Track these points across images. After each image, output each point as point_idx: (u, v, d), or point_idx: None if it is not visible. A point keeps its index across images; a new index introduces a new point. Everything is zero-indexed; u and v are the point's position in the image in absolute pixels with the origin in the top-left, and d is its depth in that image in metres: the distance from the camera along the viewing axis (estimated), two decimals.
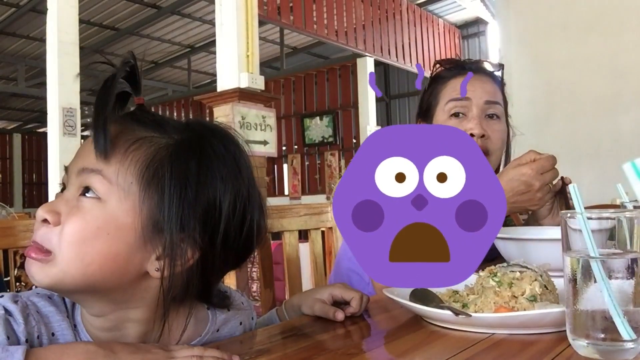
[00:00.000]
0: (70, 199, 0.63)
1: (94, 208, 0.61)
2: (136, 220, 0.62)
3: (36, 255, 0.61)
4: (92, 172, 0.62)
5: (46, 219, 0.61)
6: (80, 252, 0.60)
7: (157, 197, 0.62)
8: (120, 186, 0.62)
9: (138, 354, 0.58)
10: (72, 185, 0.63)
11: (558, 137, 4.27)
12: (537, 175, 1.07)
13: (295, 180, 9.33)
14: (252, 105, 5.21)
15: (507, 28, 4.84)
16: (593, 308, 0.59)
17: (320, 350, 0.70)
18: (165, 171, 0.62)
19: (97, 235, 0.61)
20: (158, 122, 0.66)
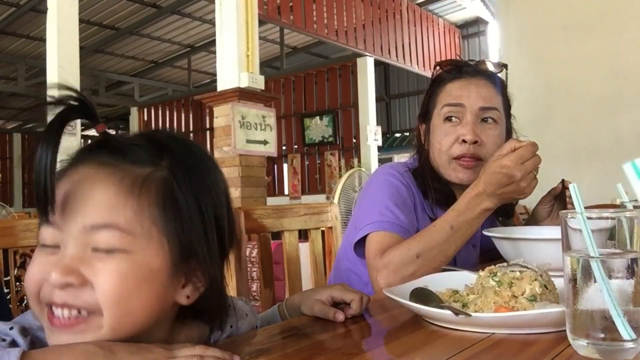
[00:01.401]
0: (82, 257, 0.59)
1: (121, 263, 0.59)
2: (165, 258, 0.61)
3: (72, 321, 0.58)
4: (105, 228, 0.59)
5: (68, 282, 0.57)
6: (128, 308, 0.59)
7: (180, 227, 0.61)
8: (141, 234, 0.60)
9: (139, 354, 0.58)
10: (74, 243, 0.59)
11: (558, 137, 4.27)
12: (517, 166, 1.07)
13: (295, 180, 9.33)
14: (252, 104, 5.21)
15: (507, 28, 4.84)
16: (593, 308, 0.59)
17: (320, 350, 0.70)
18: (178, 200, 0.61)
19: (137, 288, 0.59)
20: (136, 150, 0.62)
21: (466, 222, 1.11)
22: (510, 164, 1.08)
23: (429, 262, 1.10)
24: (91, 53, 9.79)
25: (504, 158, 1.09)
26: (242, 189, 5.04)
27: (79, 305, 0.58)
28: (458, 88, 1.32)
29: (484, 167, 1.14)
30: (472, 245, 1.40)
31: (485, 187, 1.10)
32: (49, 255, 0.60)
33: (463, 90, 1.31)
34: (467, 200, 1.12)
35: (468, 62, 1.38)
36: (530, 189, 1.11)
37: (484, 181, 1.11)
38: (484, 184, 1.11)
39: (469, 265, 1.32)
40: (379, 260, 1.13)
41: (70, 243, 0.59)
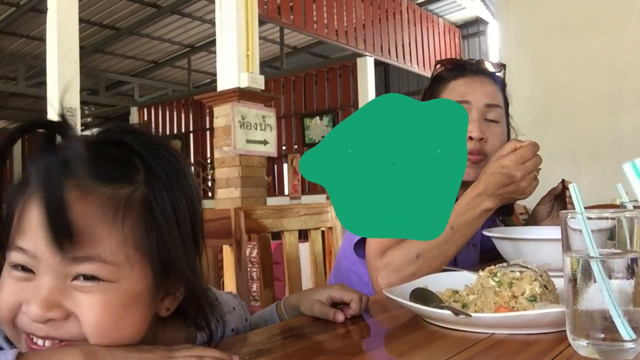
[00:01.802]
0: (62, 288, 0.55)
1: (105, 293, 0.56)
2: (148, 279, 0.59)
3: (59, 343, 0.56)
4: (86, 260, 0.55)
5: (51, 317, 0.54)
6: (115, 335, 0.57)
7: (161, 244, 0.58)
8: (124, 262, 0.56)
9: (137, 352, 0.57)
10: (54, 274, 0.55)
11: (558, 137, 4.27)
12: (517, 166, 1.08)
13: (295, 180, 9.33)
14: (252, 105, 5.21)
15: (507, 28, 4.84)
16: (593, 308, 0.59)
17: (320, 350, 0.70)
18: (157, 218, 0.58)
19: (124, 314, 0.57)
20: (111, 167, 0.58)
21: (467, 222, 1.11)
22: (511, 164, 1.08)
23: (429, 262, 1.10)
24: (91, 53, 9.78)
25: (504, 158, 1.09)
26: (242, 189, 5.04)
27: (62, 337, 0.56)
28: (463, 85, 1.32)
29: (485, 168, 1.14)
30: (473, 245, 1.41)
31: (486, 188, 1.10)
32: (22, 282, 0.56)
33: (468, 87, 1.32)
34: (468, 200, 1.12)
35: (469, 60, 1.39)
36: (531, 189, 1.11)
37: (484, 181, 1.11)
38: (484, 184, 1.11)
39: (469, 265, 1.32)
40: (379, 260, 1.13)
41: (48, 273, 0.55)
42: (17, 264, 0.56)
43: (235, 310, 0.82)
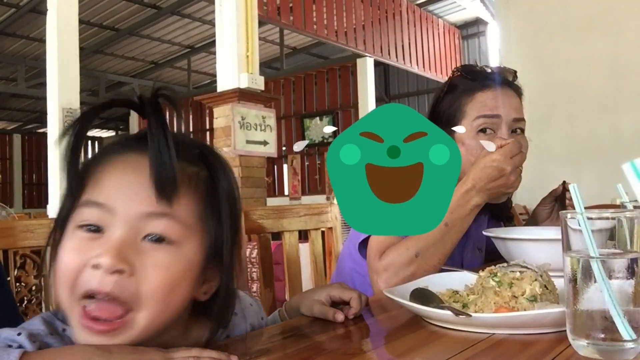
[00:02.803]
0: (133, 244, 0.58)
1: (170, 255, 0.59)
2: (202, 253, 0.62)
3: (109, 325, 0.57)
4: (162, 216, 0.59)
5: (121, 269, 0.56)
6: (167, 302, 0.59)
7: (216, 226, 0.63)
8: (189, 227, 0.61)
9: (135, 354, 0.57)
10: (127, 228, 0.58)
11: (558, 137, 4.27)
12: (506, 160, 1.11)
13: (295, 181, 9.33)
14: (252, 105, 5.22)
15: (507, 28, 4.84)
16: (593, 308, 0.59)
17: (320, 350, 0.70)
18: (218, 201, 0.64)
19: (180, 282, 0.60)
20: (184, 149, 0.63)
21: (459, 218, 1.12)
22: (501, 157, 1.11)
23: (427, 260, 1.10)
24: (91, 54, 9.79)
25: (494, 153, 1.11)
26: (242, 190, 5.04)
27: (122, 297, 0.57)
28: (492, 98, 1.29)
29: (473, 164, 1.14)
30: (478, 249, 1.41)
31: (475, 183, 1.12)
32: (90, 241, 0.58)
33: (497, 101, 1.29)
34: (458, 197, 1.13)
35: (493, 70, 1.35)
36: (517, 183, 1.14)
37: (473, 177, 1.12)
38: (473, 179, 1.12)
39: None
40: (378, 262, 1.13)
41: (122, 227, 0.58)
42: (86, 222, 0.59)
43: (252, 306, 0.83)
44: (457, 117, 1.31)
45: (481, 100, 1.30)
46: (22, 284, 1.15)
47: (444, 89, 1.35)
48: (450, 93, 1.34)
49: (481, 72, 1.34)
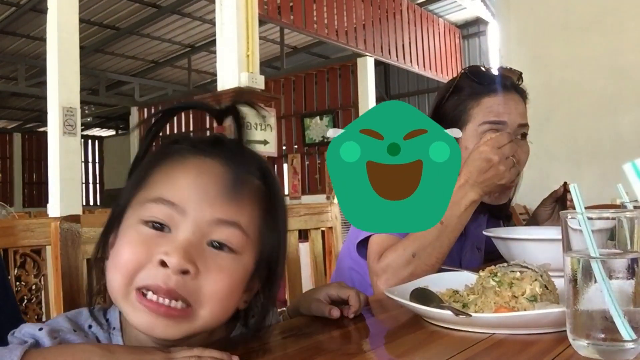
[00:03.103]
0: (199, 247, 0.60)
1: (233, 263, 0.61)
2: (251, 265, 0.64)
3: (172, 309, 0.59)
4: (231, 225, 0.61)
5: (187, 269, 0.58)
6: (226, 306, 0.62)
7: (270, 238, 0.66)
8: (250, 237, 0.63)
9: (136, 354, 0.58)
10: (196, 230, 0.60)
11: (558, 137, 4.27)
12: (494, 150, 1.11)
13: (295, 180, 9.33)
14: None
15: (507, 28, 4.84)
16: (593, 308, 0.59)
17: (320, 350, 0.70)
18: (275, 214, 0.66)
19: (238, 289, 0.63)
20: (247, 161, 0.66)
21: (454, 216, 1.12)
22: (487, 148, 1.12)
23: (425, 260, 1.10)
24: (91, 53, 9.78)
25: (481, 145, 1.13)
26: None
27: (183, 295, 0.59)
28: (499, 104, 1.28)
29: (465, 161, 1.14)
30: (477, 248, 1.40)
31: (468, 178, 1.12)
32: (156, 237, 0.60)
33: (504, 106, 1.28)
34: (452, 194, 1.12)
35: (496, 71, 1.33)
36: (510, 175, 1.13)
37: (464, 172, 1.12)
38: (465, 174, 1.12)
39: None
40: (377, 264, 1.13)
41: (191, 229, 0.59)
42: (154, 219, 0.60)
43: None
44: (463, 120, 1.30)
45: (488, 106, 1.28)
46: (22, 283, 1.15)
47: (449, 90, 1.34)
48: (455, 94, 1.32)
49: (489, 75, 1.32)
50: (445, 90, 1.36)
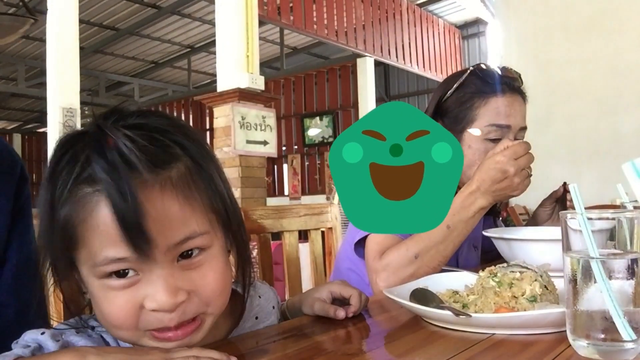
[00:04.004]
0: (176, 272, 0.59)
1: (210, 258, 0.62)
2: (223, 236, 0.65)
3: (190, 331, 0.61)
4: (188, 239, 0.59)
5: (180, 301, 0.59)
6: (225, 294, 0.65)
7: (219, 205, 0.64)
8: (210, 227, 0.63)
9: (133, 354, 0.57)
10: (161, 264, 0.58)
11: (558, 137, 4.28)
12: (510, 161, 1.09)
13: (295, 181, 9.33)
14: (252, 105, 5.21)
15: (507, 28, 4.84)
16: (593, 308, 0.59)
17: (320, 350, 0.70)
18: (211, 181, 0.63)
19: (226, 272, 0.65)
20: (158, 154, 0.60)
21: (462, 221, 1.11)
22: (504, 159, 1.10)
23: (428, 262, 1.10)
24: (91, 53, 9.78)
25: (498, 155, 1.11)
26: (242, 190, 5.04)
27: (190, 315, 0.60)
28: (505, 106, 1.28)
29: (479, 166, 1.14)
30: (474, 246, 1.40)
31: (480, 185, 1.11)
32: (130, 286, 0.58)
33: (510, 108, 1.28)
34: (462, 199, 1.12)
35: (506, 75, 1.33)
36: (523, 186, 1.12)
37: (477, 179, 1.11)
38: (477, 181, 1.11)
39: (470, 267, 1.32)
40: (378, 262, 1.12)
41: (157, 265, 0.58)
42: (115, 271, 0.58)
43: (271, 291, 0.88)
44: (469, 118, 1.30)
45: (495, 107, 1.28)
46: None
47: (453, 85, 1.33)
48: (460, 90, 1.32)
49: (496, 75, 1.32)
50: (446, 84, 1.35)
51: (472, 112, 1.29)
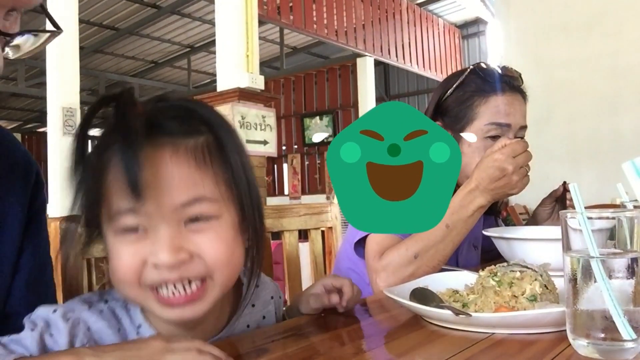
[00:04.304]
0: (181, 233, 0.62)
1: (217, 228, 0.64)
2: (237, 214, 0.66)
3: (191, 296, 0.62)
4: (196, 202, 0.62)
5: (181, 259, 0.61)
6: (233, 264, 0.66)
7: (240, 185, 0.66)
8: (222, 196, 0.65)
9: (131, 349, 0.57)
10: (168, 223, 0.61)
11: (558, 137, 4.28)
12: (508, 159, 1.09)
13: (295, 180, 9.32)
14: (252, 105, 5.21)
15: (507, 28, 4.84)
16: (593, 308, 0.59)
17: (320, 349, 0.70)
18: (230, 161, 0.66)
19: (234, 244, 0.66)
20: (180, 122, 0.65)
21: (461, 220, 1.11)
22: (502, 157, 1.10)
23: (427, 261, 1.10)
24: (91, 53, 9.78)
25: (496, 152, 1.11)
26: None
27: (193, 275, 0.62)
28: (506, 104, 1.28)
29: (477, 165, 1.14)
30: (474, 246, 1.40)
31: (478, 183, 1.11)
32: (138, 241, 0.62)
33: (510, 107, 1.28)
34: (461, 197, 1.12)
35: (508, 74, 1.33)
36: (522, 184, 1.12)
37: (476, 177, 1.12)
38: (476, 180, 1.11)
39: (471, 266, 1.32)
40: (378, 262, 1.13)
41: (163, 224, 0.61)
42: (128, 227, 0.62)
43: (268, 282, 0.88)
44: (469, 117, 1.30)
45: (495, 105, 1.28)
46: None
47: (454, 83, 1.33)
48: (461, 89, 1.32)
49: (496, 74, 1.32)
50: (447, 83, 1.35)
51: (472, 111, 1.29)
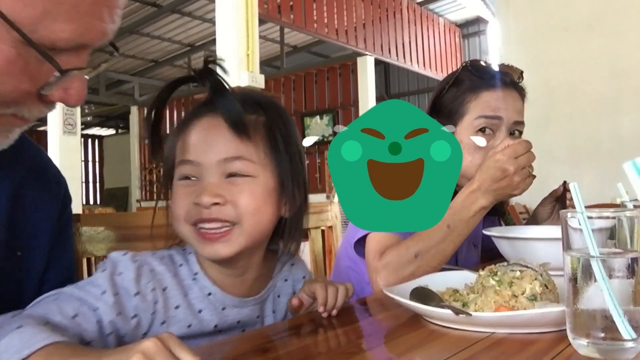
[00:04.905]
0: (221, 183, 0.77)
1: (251, 184, 0.78)
2: (275, 181, 0.81)
3: (221, 233, 0.77)
4: (236, 159, 0.78)
5: (217, 202, 0.76)
6: (259, 218, 0.79)
7: (279, 160, 0.81)
8: (260, 162, 0.79)
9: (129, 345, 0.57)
10: (212, 173, 0.78)
11: (558, 137, 4.27)
12: (510, 160, 1.09)
13: None
14: None
15: (507, 27, 4.84)
16: (593, 307, 0.60)
17: (321, 348, 0.70)
18: (279, 142, 0.81)
19: (263, 204, 0.79)
20: (242, 104, 0.79)
21: (462, 220, 1.11)
22: (504, 157, 1.10)
23: (428, 261, 1.10)
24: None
25: (498, 153, 1.11)
26: None
27: (223, 218, 0.77)
28: (496, 99, 1.28)
29: (479, 166, 1.14)
30: (474, 245, 1.40)
31: (480, 184, 1.11)
32: (190, 187, 0.79)
33: (501, 101, 1.28)
34: (463, 198, 1.12)
35: (501, 70, 1.33)
36: (525, 185, 1.12)
37: (478, 178, 1.12)
38: (478, 180, 1.11)
39: (471, 265, 1.32)
40: (378, 261, 1.12)
41: (209, 174, 0.78)
42: (184, 175, 0.80)
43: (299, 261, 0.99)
44: (460, 113, 1.30)
45: (485, 100, 1.29)
46: None
47: (449, 82, 1.34)
48: (455, 87, 1.33)
49: (489, 71, 1.33)
50: (445, 82, 1.36)
51: (463, 107, 1.30)
